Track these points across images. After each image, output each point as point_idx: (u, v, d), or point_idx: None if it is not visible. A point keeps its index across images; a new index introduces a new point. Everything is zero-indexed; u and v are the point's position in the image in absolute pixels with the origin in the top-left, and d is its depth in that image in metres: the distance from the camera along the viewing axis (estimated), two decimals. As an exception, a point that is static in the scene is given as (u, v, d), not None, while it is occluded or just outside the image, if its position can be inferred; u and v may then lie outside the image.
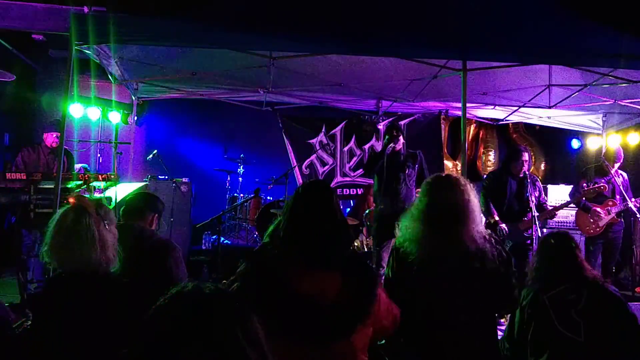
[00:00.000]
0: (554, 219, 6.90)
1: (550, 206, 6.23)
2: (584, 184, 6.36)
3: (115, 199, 5.83)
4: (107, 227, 2.58)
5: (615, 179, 6.25)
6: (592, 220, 6.41)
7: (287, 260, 2.17)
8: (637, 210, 6.08)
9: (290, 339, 1.99)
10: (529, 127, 9.92)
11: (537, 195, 5.80)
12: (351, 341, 2.11)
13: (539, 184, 6.07)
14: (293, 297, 2.08)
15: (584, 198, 6.33)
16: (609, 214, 6.36)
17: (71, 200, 2.65)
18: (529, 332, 2.89)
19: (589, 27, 5.48)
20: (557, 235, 3.23)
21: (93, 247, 2.46)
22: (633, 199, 6.18)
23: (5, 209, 6.65)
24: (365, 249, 6.72)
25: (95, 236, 2.49)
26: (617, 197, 6.40)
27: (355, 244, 7.19)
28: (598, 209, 6.37)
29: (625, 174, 6.53)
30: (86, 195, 5.34)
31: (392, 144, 5.77)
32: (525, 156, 5.90)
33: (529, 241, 5.66)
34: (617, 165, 6.43)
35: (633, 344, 2.81)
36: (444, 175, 2.90)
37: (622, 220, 6.55)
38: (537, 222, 5.41)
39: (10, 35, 7.50)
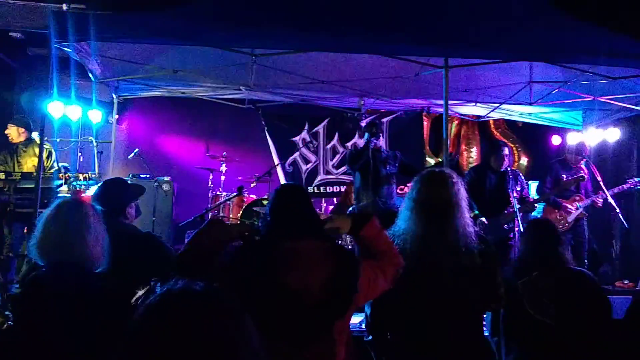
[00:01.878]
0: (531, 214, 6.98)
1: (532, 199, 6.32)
2: (548, 179, 6.49)
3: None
4: (100, 223, 2.56)
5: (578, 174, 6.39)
6: (560, 217, 6.48)
7: (273, 249, 2.20)
8: (616, 205, 6.17)
9: (274, 334, 1.97)
10: (510, 124, 9.99)
11: (519, 189, 5.86)
12: (332, 332, 2.15)
13: (522, 178, 6.14)
14: (279, 292, 2.09)
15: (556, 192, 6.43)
16: (577, 209, 6.46)
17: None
18: (503, 317, 2.97)
19: (570, 24, 5.54)
20: (538, 221, 3.32)
21: (87, 240, 2.44)
22: (610, 191, 6.29)
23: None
24: (350, 246, 6.72)
25: (91, 228, 2.47)
26: (582, 191, 6.54)
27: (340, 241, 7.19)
28: (567, 205, 6.46)
29: (585, 169, 6.64)
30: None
31: (373, 139, 5.79)
32: (505, 150, 5.98)
33: (511, 234, 5.72)
34: (580, 159, 6.56)
35: (604, 328, 2.90)
36: (437, 170, 2.92)
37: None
38: (518, 217, 5.47)
39: (-13, 33, 7.41)
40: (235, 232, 2.35)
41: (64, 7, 6.58)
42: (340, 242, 7.11)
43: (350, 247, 6.83)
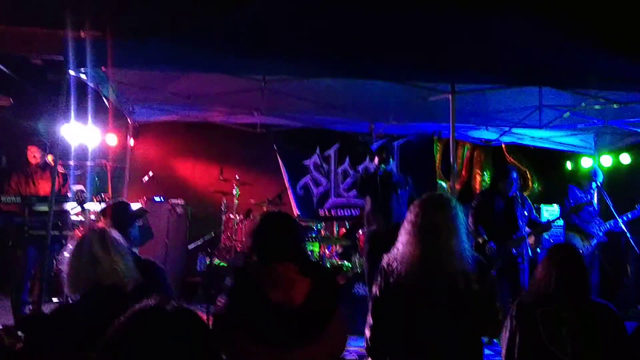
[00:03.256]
0: (547, 238, 6.98)
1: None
2: (567, 202, 6.52)
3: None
4: (120, 243, 2.64)
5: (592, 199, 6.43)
6: (583, 241, 6.51)
7: (262, 270, 2.47)
8: (627, 230, 6.14)
9: (265, 343, 2.28)
10: (522, 148, 9.98)
11: (526, 214, 5.84)
12: (318, 345, 2.36)
13: (529, 202, 6.12)
14: (266, 306, 2.34)
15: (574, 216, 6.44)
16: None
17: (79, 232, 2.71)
18: (516, 346, 2.90)
19: (579, 49, 5.58)
20: (562, 247, 3.17)
21: (124, 259, 2.52)
22: (622, 217, 6.28)
23: (2, 232, 6.68)
24: (359, 270, 6.73)
25: (122, 251, 2.57)
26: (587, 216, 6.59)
27: (348, 264, 7.21)
28: (592, 230, 6.50)
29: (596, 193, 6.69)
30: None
31: (382, 165, 5.83)
32: (514, 175, 5.95)
33: (520, 259, 5.70)
34: (591, 183, 6.58)
35: None
36: (436, 194, 2.95)
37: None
38: (527, 241, 5.46)
39: (8, 59, 7.61)
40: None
41: (82, 34, 6.80)
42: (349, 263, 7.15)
43: (359, 271, 6.84)
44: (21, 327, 4.78)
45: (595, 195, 6.66)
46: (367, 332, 2.83)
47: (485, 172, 10.45)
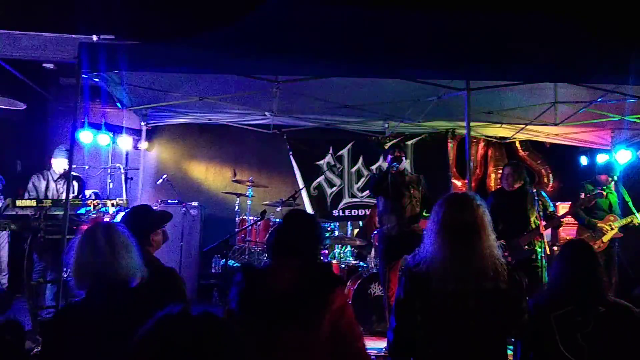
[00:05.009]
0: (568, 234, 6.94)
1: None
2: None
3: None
4: (129, 237, 2.63)
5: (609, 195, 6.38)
6: (594, 237, 6.45)
7: (270, 265, 2.75)
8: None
9: (256, 326, 2.48)
10: (537, 145, 9.89)
11: (539, 209, 5.76)
12: (315, 332, 2.51)
13: (545, 197, 6.07)
14: (268, 293, 2.55)
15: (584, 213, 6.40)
16: (612, 228, 6.42)
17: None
18: (531, 349, 2.86)
19: (594, 44, 5.50)
20: (575, 244, 3.07)
21: (118, 258, 2.50)
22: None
23: (17, 236, 6.72)
24: (374, 270, 6.68)
25: (130, 242, 2.56)
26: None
27: (363, 264, 7.17)
28: (602, 225, 6.44)
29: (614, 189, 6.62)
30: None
31: (395, 164, 5.79)
32: (507, 170, 6.08)
33: (534, 256, 5.64)
34: (609, 179, 6.53)
35: None
36: (460, 193, 2.90)
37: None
38: (544, 237, 5.41)
39: (22, 64, 7.66)
40: None
41: (94, 38, 6.83)
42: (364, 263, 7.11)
43: (374, 271, 6.80)
44: (39, 332, 4.82)
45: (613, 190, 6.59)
46: (390, 335, 2.79)
47: (499, 170, 10.37)
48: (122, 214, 5.81)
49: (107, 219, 5.49)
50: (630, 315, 2.77)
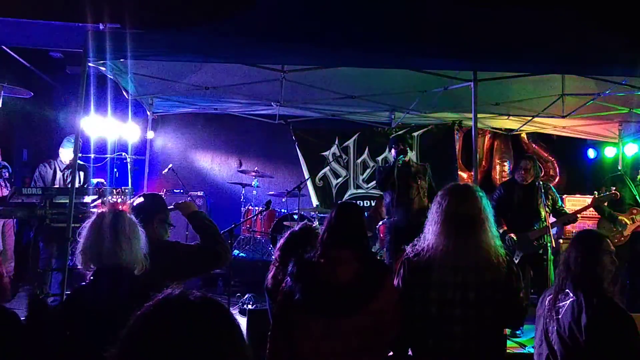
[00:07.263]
0: (574, 227, 6.87)
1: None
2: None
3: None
4: (137, 227, 2.67)
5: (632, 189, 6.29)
6: (615, 229, 6.36)
7: (322, 254, 2.73)
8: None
9: (315, 314, 2.57)
10: (544, 137, 9.84)
11: (549, 203, 5.73)
12: (363, 318, 2.55)
13: (553, 191, 6.01)
14: (321, 283, 2.61)
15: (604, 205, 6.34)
16: (634, 222, 6.35)
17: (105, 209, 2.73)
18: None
19: (602, 35, 5.45)
20: (583, 233, 3.05)
21: (124, 245, 2.53)
22: None
23: (23, 224, 6.74)
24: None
25: (128, 233, 2.58)
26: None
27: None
28: (624, 218, 6.36)
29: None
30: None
31: (401, 156, 5.77)
32: (525, 164, 5.84)
33: (541, 250, 5.61)
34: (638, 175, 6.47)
35: None
36: (461, 184, 2.90)
37: None
38: (551, 232, 5.37)
39: (28, 52, 7.67)
40: None
41: (101, 26, 6.81)
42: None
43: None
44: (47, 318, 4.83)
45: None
46: None
47: (505, 162, 10.32)
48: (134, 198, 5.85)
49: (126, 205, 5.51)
50: (616, 319, 2.72)
